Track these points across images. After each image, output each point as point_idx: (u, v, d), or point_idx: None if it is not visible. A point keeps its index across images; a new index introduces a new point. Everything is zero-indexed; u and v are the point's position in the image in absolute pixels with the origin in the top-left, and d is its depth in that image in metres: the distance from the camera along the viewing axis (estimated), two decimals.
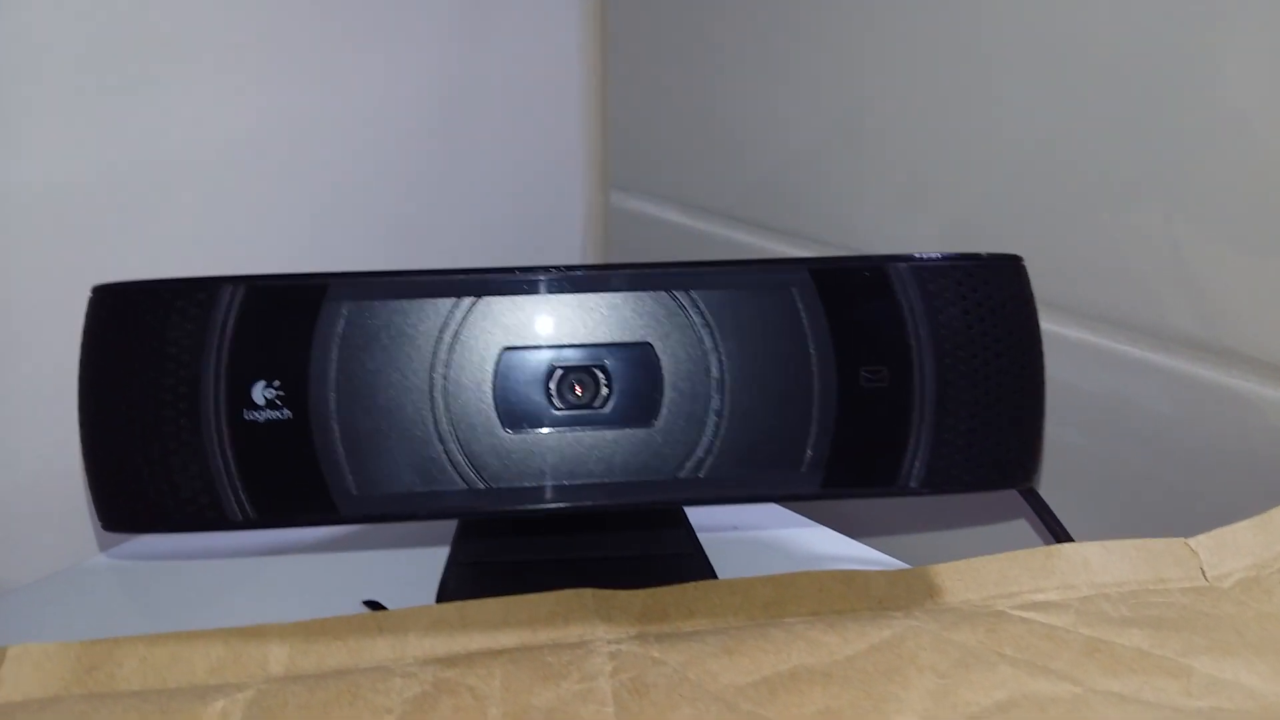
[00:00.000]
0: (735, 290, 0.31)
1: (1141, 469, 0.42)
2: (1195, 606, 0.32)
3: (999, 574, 0.33)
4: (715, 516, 0.42)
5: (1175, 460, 0.41)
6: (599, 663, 0.30)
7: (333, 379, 0.30)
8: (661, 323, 0.31)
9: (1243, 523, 0.34)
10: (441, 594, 0.36)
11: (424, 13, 0.48)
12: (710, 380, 0.31)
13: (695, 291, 0.31)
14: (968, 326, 0.31)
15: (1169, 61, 0.38)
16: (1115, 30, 0.39)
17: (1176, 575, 0.33)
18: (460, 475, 0.30)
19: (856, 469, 0.31)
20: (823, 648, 0.30)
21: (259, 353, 0.30)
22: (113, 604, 0.39)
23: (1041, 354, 0.32)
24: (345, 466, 0.30)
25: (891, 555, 0.41)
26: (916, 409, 0.31)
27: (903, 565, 0.39)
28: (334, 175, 0.47)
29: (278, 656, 0.30)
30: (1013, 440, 0.31)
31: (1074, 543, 0.34)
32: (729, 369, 0.31)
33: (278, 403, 0.30)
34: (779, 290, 0.31)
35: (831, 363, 0.31)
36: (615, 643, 0.31)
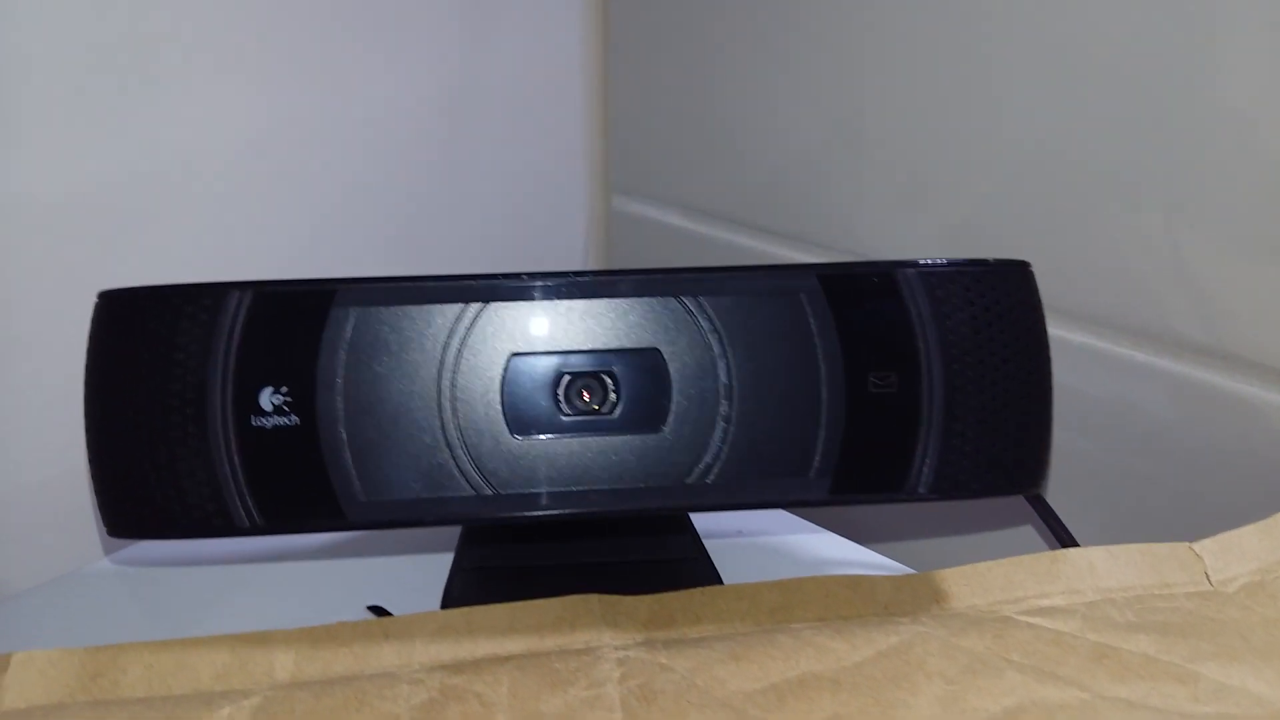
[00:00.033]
0: (743, 296, 0.31)
1: (1143, 473, 0.42)
2: (1200, 611, 0.32)
3: (1005, 579, 0.33)
4: (719, 521, 0.42)
5: (1178, 464, 0.41)
6: (607, 669, 0.30)
7: (340, 385, 0.30)
8: (669, 329, 0.31)
9: (1247, 527, 0.34)
10: (446, 600, 0.36)
11: (426, 18, 0.48)
12: (718, 386, 0.31)
13: (703, 297, 0.31)
14: (976, 332, 0.31)
15: (1171, 64, 0.38)
16: (1117, 33, 0.39)
17: (1181, 580, 0.33)
18: (468, 481, 0.30)
19: (865, 475, 0.31)
20: (831, 654, 0.30)
21: (266, 358, 0.30)
22: (117, 609, 0.39)
23: (1049, 359, 0.32)
24: (353, 472, 0.30)
25: (896, 560, 0.41)
26: (925, 415, 0.31)
27: (907, 570, 0.39)
28: (335, 179, 0.47)
29: (283, 663, 0.30)
30: (1021, 446, 0.31)
31: (1079, 548, 0.34)
32: (737, 375, 0.31)
33: (285, 409, 0.30)
34: (787, 296, 0.31)
35: (840, 368, 0.31)
36: (623, 649, 0.31)
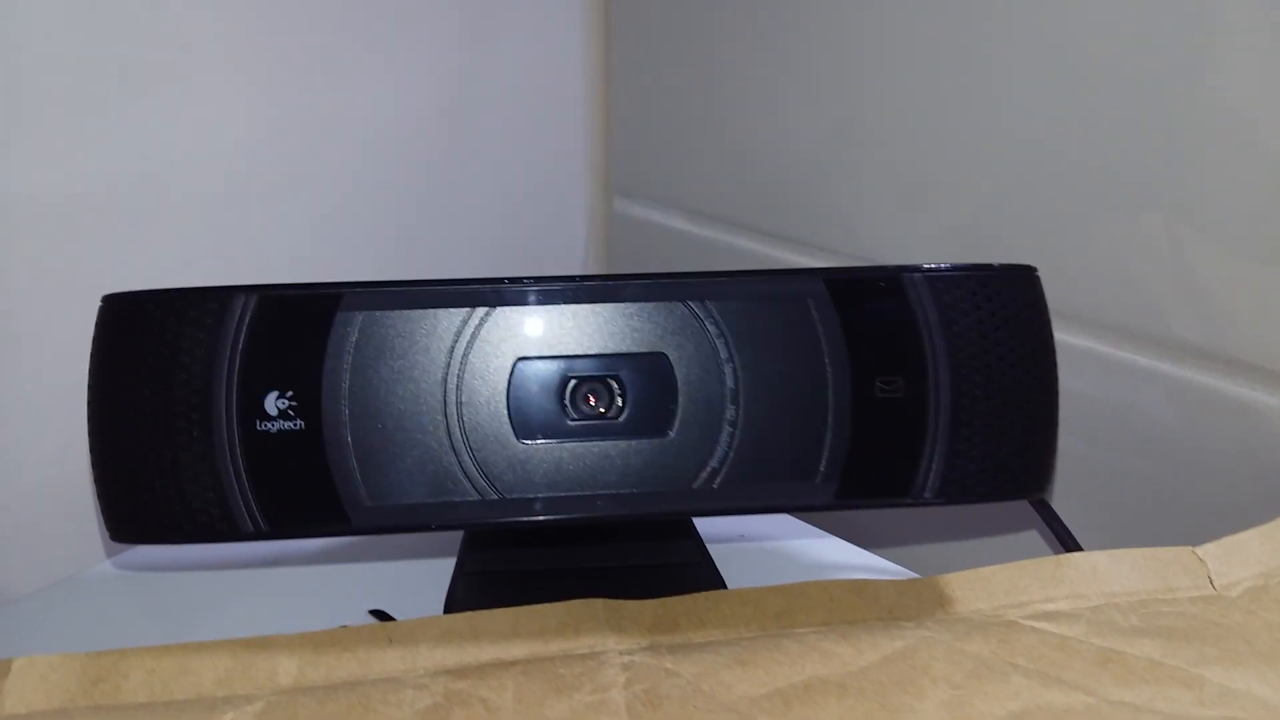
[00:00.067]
0: (750, 300, 0.31)
1: (1145, 477, 0.42)
2: (1204, 616, 0.32)
3: (1009, 583, 0.33)
4: (722, 526, 0.42)
5: (1180, 468, 0.41)
6: (612, 674, 0.29)
7: (346, 389, 0.30)
8: (676, 333, 0.31)
9: (1250, 531, 0.34)
10: (449, 604, 0.36)
11: (427, 20, 0.48)
12: (725, 390, 0.31)
13: (710, 301, 0.31)
14: (982, 337, 0.31)
15: (1171, 65, 0.38)
16: (1117, 34, 0.39)
17: (1185, 584, 0.33)
18: (473, 485, 0.30)
19: (871, 480, 0.31)
20: (836, 659, 0.30)
21: (271, 362, 0.30)
22: (118, 613, 0.39)
23: (1055, 364, 0.32)
24: (358, 477, 0.30)
25: (900, 565, 0.41)
26: (931, 419, 0.31)
27: (912, 575, 0.39)
28: (336, 181, 0.47)
29: (286, 668, 0.30)
30: (1027, 450, 0.31)
31: (1083, 552, 0.34)
32: (743, 379, 0.31)
33: (290, 413, 0.30)
34: (794, 300, 0.31)
35: (846, 373, 0.31)
36: (627, 654, 0.30)
